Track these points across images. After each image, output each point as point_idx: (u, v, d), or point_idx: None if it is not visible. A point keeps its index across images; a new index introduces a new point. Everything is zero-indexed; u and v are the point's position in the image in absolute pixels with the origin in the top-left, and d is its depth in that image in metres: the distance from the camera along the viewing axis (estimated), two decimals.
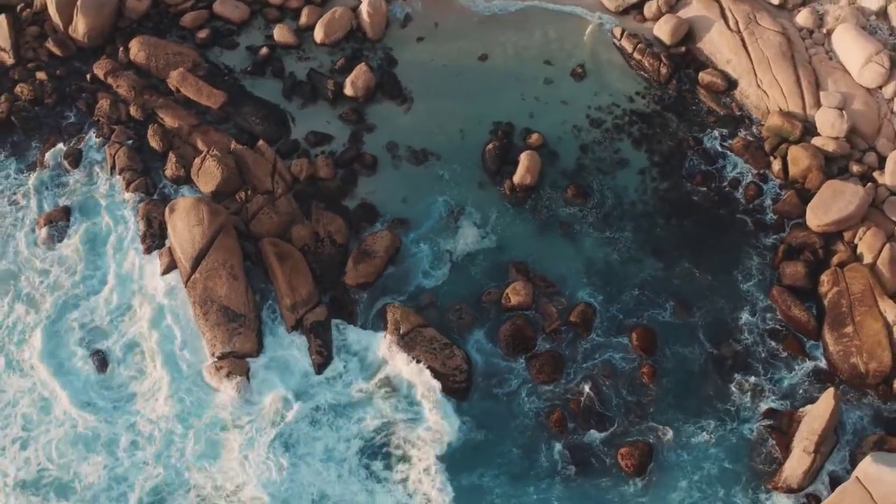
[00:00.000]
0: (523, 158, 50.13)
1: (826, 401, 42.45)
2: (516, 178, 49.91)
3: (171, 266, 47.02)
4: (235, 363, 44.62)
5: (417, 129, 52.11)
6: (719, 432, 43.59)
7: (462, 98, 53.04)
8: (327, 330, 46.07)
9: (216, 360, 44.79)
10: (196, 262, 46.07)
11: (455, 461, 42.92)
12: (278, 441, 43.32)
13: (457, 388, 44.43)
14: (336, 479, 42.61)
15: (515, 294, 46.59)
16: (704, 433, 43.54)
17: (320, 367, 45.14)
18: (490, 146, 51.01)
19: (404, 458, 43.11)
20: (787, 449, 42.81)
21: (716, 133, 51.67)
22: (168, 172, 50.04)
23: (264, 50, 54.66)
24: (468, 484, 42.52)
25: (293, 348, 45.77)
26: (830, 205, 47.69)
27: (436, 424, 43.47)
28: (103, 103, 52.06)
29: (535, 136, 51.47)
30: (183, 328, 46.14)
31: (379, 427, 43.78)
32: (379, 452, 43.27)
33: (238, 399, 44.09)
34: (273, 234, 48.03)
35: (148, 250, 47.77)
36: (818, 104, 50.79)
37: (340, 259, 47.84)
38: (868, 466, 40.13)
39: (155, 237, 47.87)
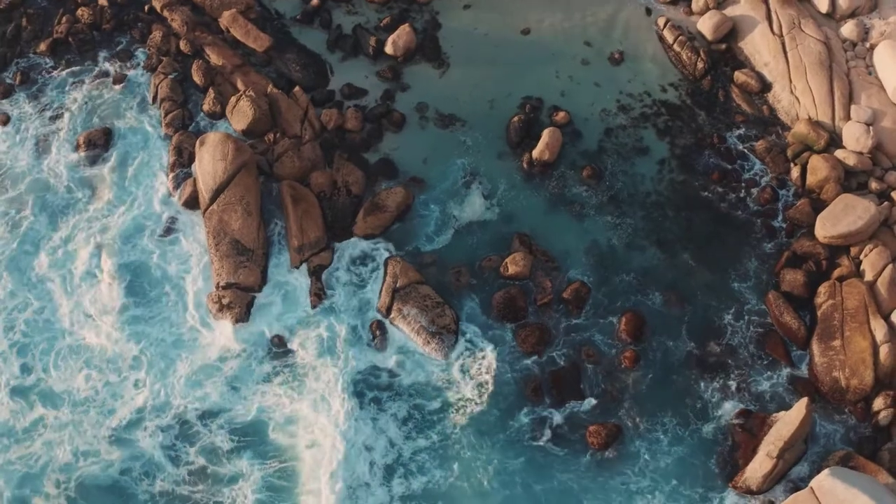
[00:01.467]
0: (545, 134, 50.01)
1: (798, 409, 41.98)
2: (535, 153, 49.85)
3: (192, 196, 48.39)
4: (237, 294, 45.90)
5: (449, 93, 52.37)
6: (690, 425, 43.39)
7: (498, 69, 53.08)
8: (328, 274, 46.88)
9: (220, 289, 46.13)
10: (215, 195, 47.39)
11: (430, 411, 43.83)
12: (268, 372, 44.64)
13: (443, 348, 45.04)
14: (320, 410, 43.71)
15: (514, 264, 46.82)
16: (674, 424, 43.33)
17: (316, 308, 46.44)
18: (515, 118, 50.97)
19: (381, 398, 44.04)
20: (753, 451, 42.39)
21: (741, 133, 50.82)
22: (205, 107, 51.41)
23: (315, 0, 55.57)
24: (438, 430, 43.33)
25: (295, 287, 46.74)
26: (840, 218, 46.64)
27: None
28: (156, 34, 53.66)
29: (561, 114, 51.29)
30: (194, 257, 47.57)
31: (366, 368, 44.69)
32: (362, 392, 44.12)
33: (235, 329, 45.42)
34: (294, 177, 49.13)
35: (174, 179, 49.30)
36: (848, 117, 49.54)
37: (353, 209, 48.57)
38: (824, 479, 39.50)
39: (183, 166, 49.31)
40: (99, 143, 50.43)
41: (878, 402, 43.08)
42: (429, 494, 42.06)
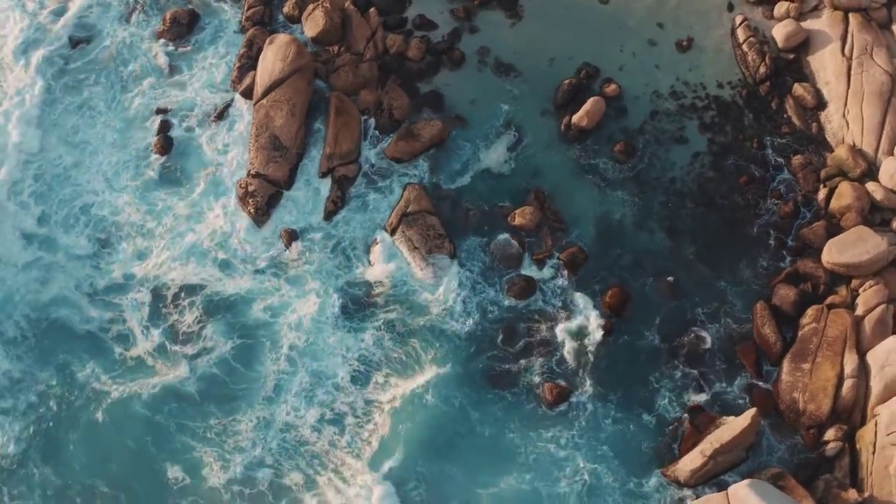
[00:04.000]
0: (589, 102, 49.31)
1: (745, 418, 41.43)
2: (575, 117, 49.28)
3: (249, 87, 50.17)
4: (263, 185, 47.74)
5: (513, 44, 52.04)
6: (640, 406, 43.27)
7: (567, 31, 52.22)
8: (351, 186, 48.34)
9: (250, 177, 48.00)
10: (267, 91, 49.05)
11: (407, 329, 45.06)
12: (267, 263, 46.67)
13: (433, 276, 45.86)
14: (308, 306, 45.53)
15: (522, 216, 47.05)
16: (625, 401, 43.29)
17: (329, 215, 47.66)
18: (567, 81, 50.39)
19: (367, 307, 45.61)
20: (693, 446, 41.92)
21: (781, 143, 48.83)
22: (285, 10, 52.92)
23: None
24: (408, 348, 44.67)
25: (317, 192, 48.27)
26: (849, 247, 44.73)
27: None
28: None
29: (612, 87, 50.37)
30: (237, 144, 49.42)
31: (360, 279, 46.19)
32: (351, 297, 45.75)
33: (252, 216, 47.42)
34: (345, 90, 50.32)
35: (240, 69, 51.02)
36: (891, 152, 47.07)
37: (391, 131, 49.49)
38: (741, 489, 38.83)
39: (250, 59, 50.96)
40: (183, 22, 52.52)
41: (830, 433, 41.79)
42: (378, 399, 43.77)
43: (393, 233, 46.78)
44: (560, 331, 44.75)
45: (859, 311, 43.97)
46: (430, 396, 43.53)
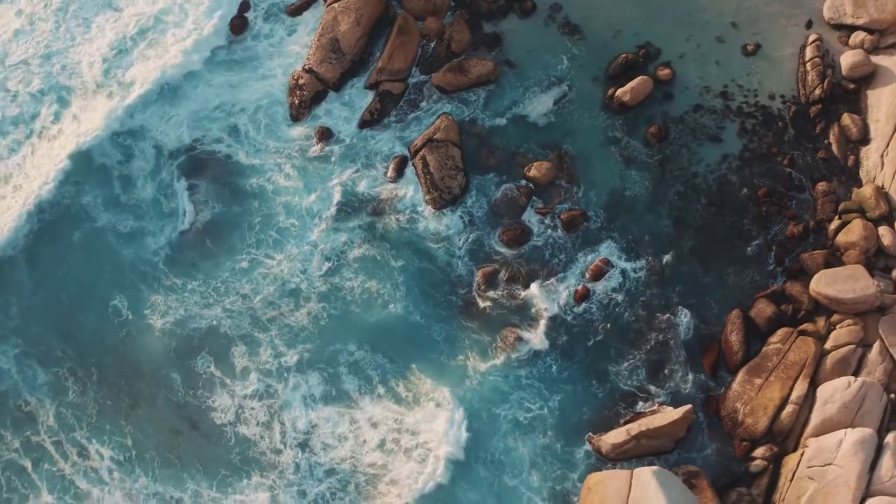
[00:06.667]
0: (637, 80, 48.76)
1: (678, 412, 41.60)
2: (619, 91, 48.84)
3: None
4: (312, 81, 49.51)
5: (587, 8, 51.58)
6: (595, 376, 43.63)
7: (641, 8, 51.39)
8: (392, 103, 49.35)
9: (304, 70, 49.68)
10: None
11: (399, 241, 46.47)
12: (289, 150, 48.61)
13: (438, 202, 47.05)
14: (311, 198, 47.43)
15: (538, 169, 47.41)
16: (582, 366, 43.73)
17: (364, 125, 48.98)
18: (624, 56, 49.83)
19: (363, 213, 47.12)
20: (625, 424, 42.54)
21: (812, 166, 47.23)
22: None
23: None
24: (385, 263, 46.03)
25: (360, 104, 49.50)
26: (838, 282, 43.33)
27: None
28: None
29: (666, 72, 49.52)
30: (304, 40, 51.11)
31: (369, 187, 47.59)
32: (352, 207, 47.26)
33: (295, 106, 49.12)
34: (414, 13, 51.16)
35: None
36: None
37: (444, 62, 50.17)
38: (645, 472, 39.39)
39: None
40: None
41: (759, 451, 41.42)
42: (344, 287, 45.60)
43: (414, 155, 47.85)
44: (539, 285, 45.19)
45: (828, 344, 42.84)
46: (395, 304, 45.02)
